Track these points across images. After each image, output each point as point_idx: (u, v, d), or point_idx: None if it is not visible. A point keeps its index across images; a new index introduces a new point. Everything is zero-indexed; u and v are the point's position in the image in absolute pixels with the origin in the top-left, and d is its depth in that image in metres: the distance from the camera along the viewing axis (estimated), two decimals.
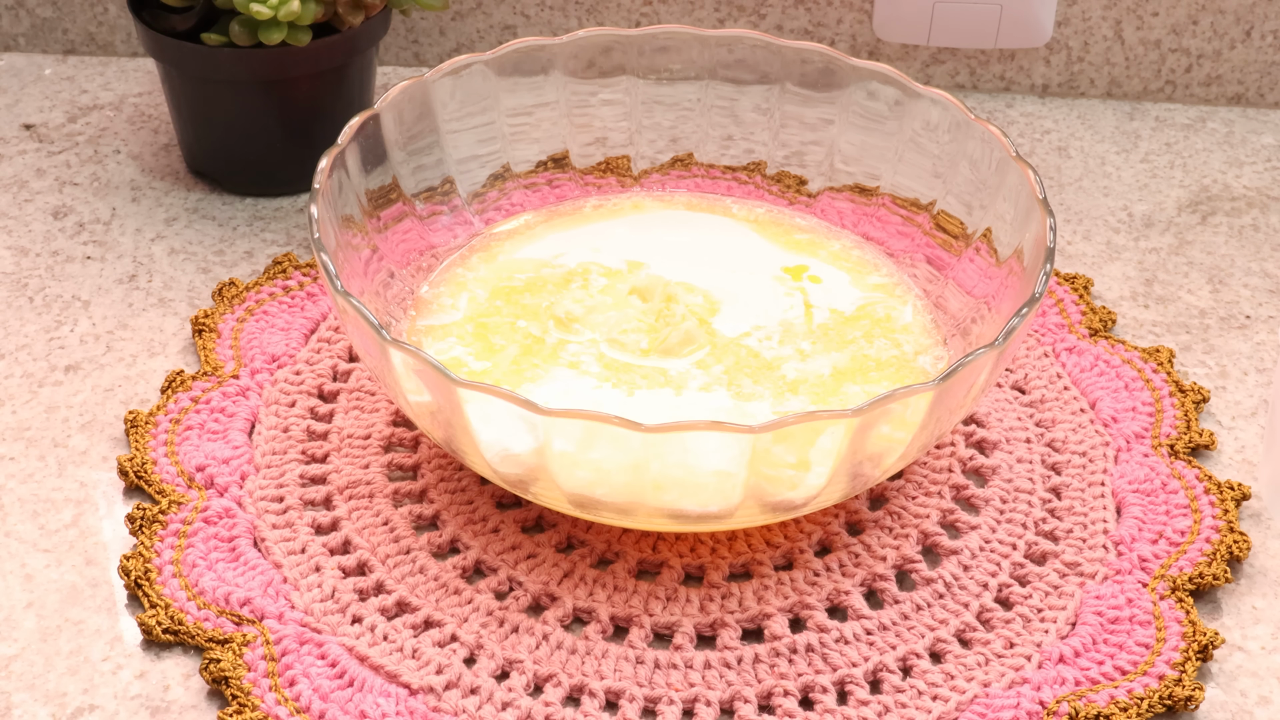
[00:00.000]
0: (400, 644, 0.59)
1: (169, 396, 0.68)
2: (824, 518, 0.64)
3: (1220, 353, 0.73)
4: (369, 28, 0.79)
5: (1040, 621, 0.60)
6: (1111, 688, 0.57)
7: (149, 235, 0.80)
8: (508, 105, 0.74)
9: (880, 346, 0.67)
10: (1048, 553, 0.63)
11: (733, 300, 0.69)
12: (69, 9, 0.93)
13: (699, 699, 0.57)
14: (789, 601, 0.60)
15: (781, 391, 0.64)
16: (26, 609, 0.60)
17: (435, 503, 0.64)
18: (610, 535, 0.63)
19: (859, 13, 0.90)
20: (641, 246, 0.73)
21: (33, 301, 0.75)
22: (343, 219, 0.66)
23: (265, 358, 0.70)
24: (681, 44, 0.75)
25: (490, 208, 0.75)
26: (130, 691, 0.57)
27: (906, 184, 0.73)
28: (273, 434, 0.67)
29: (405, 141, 0.71)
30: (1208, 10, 0.88)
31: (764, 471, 0.57)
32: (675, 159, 0.77)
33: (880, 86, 0.72)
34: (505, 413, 0.55)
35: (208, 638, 0.58)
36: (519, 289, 0.70)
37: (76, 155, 0.85)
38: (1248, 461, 0.68)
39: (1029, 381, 0.71)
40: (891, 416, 0.56)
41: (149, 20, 0.79)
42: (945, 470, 0.66)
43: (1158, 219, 0.82)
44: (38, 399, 0.69)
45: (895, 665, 0.58)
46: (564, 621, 0.60)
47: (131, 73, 0.93)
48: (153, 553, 0.61)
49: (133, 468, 0.65)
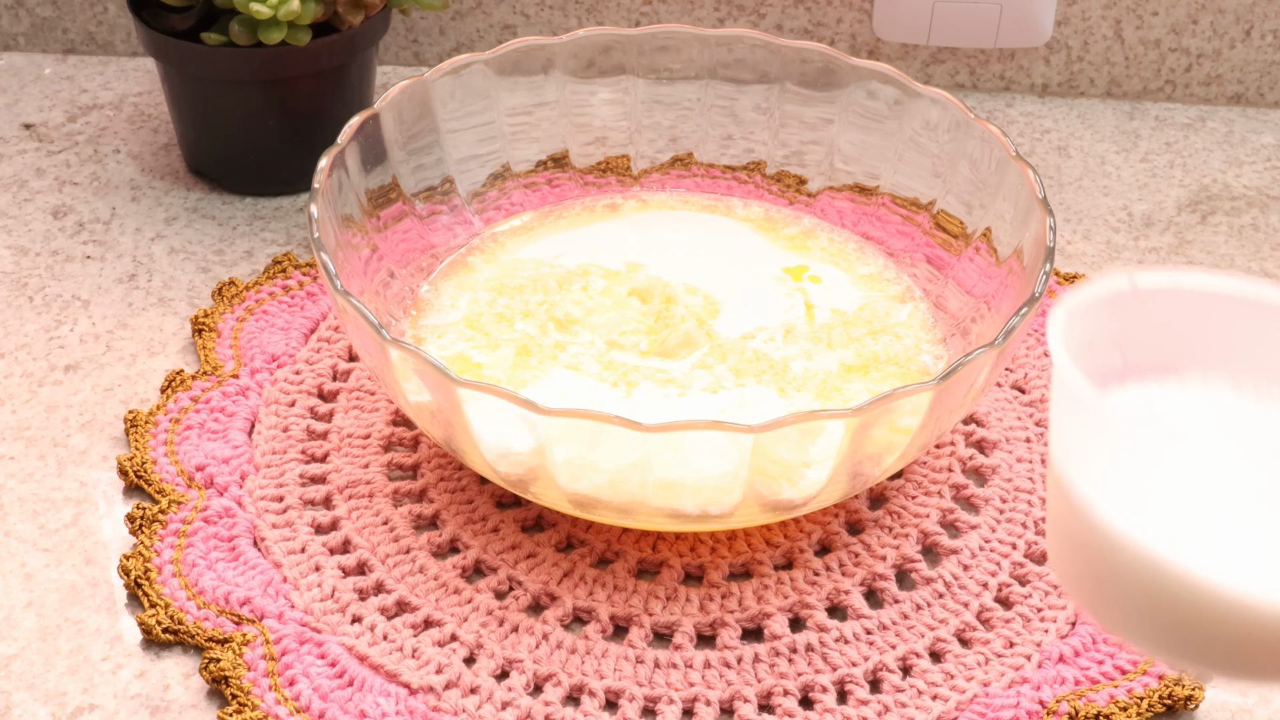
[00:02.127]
0: (400, 643, 0.59)
1: (169, 396, 0.68)
2: (824, 517, 0.64)
3: None
4: (369, 27, 0.79)
5: (1040, 621, 0.60)
6: (1111, 687, 0.57)
7: (149, 235, 0.80)
8: (507, 105, 0.74)
9: (881, 345, 0.67)
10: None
11: (733, 301, 0.69)
12: (69, 9, 0.93)
13: (699, 699, 0.57)
14: (789, 601, 0.60)
15: (784, 391, 0.64)
16: (26, 608, 0.60)
17: (435, 502, 0.64)
18: (610, 535, 0.63)
19: (859, 12, 0.90)
20: (641, 247, 0.73)
21: (33, 301, 0.75)
22: (343, 218, 0.66)
23: (265, 357, 0.70)
24: (681, 44, 0.75)
25: (490, 207, 0.75)
26: (130, 691, 0.57)
27: (906, 183, 0.73)
28: (272, 433, 0.67)
29: (405, 141, 0.71)
30: (1207, 10, 0.88)
31: (764, 471, 0.57)
32: (675, 159, 0.77)
33: (880, 86, 0.72)
34: (505, 412, 0.55)
35: (207, 637, 0.58)
36: (519, 289, 0.70)
37: (76, 155, 0.85)
38: None
39: (1029, 381, 0.71)
40: (891, 416, 0.56)
41: (149, 20, 0.79)
42: (945, 470, 0.66)
43: (1157, 218, 0.82)
44: (38, 399, 0.69)
45: (895, 665, 0.58)
46: (564, 621, 0.60)
47: (131, 72, 0.93)
48: (152, 552, 0.61)
49: (133, 467, 0.65)
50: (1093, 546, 0.38)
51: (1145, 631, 0.39)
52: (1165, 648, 0.39)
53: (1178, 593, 0.37)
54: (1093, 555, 0.39)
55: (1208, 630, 0.37)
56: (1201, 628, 0.37)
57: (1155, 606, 0.38)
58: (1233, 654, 0.38)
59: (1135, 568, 0.37)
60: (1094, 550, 0.38)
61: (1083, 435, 0.39)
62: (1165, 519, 0.37)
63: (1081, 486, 0.38)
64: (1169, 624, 0.38)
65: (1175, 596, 0.37)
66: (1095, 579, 0.39)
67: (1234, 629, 0.37)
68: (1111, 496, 0.38)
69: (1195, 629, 0.37)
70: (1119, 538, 0.37)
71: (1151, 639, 0.39)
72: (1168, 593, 0.37)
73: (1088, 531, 0.38)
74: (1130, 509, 0.37)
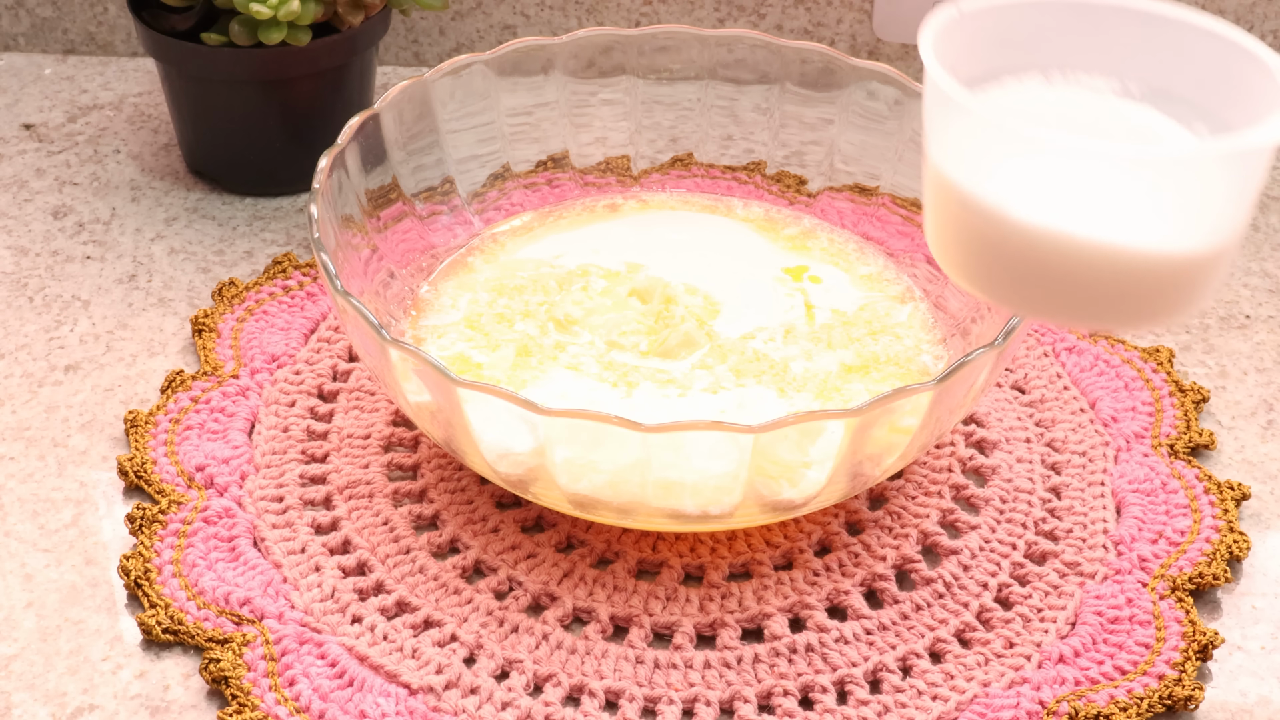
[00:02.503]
0: (400, 644, 0.59)
1: (169, 396, 0.68)
2: (824, 518, 0.64)
3: (1220, 352, 0.73)
4: (369, 28, 0.79)
5: (1040, 621, 0.60)
6: (1111, 687, 0.57)
7: (149, 235, 0.80)
8: (507, 105, 0.74)
9: (881, 346, 0.67)
10: (1047, 552, 0.63)
11: (733, 301, 0.69)
12: (69, 9, 0.93)
13: (699, 699, 0.57)
14: (789, 601, 0.60)
15: (784, 392, 0.64)
16: (26, 609, 0.60)
17: (435, 503, 0.64)
18: (610, 535, 0.63)
19: (859, 13, 0.90)
20: (641, 247, 0.73)
21: (33, 301, 0.75)
22: (343, 219, 0.66)
23: (265, 357, 0.70)
24: (681, 44, 0.75)
25: (490, 207, 0.75)
26: (130, 691, 0.57)
27: (906, 184, 0.73)
28: (272, 434, 0.67)
29: (405, 141, 0.71)
30: (1208, 10, 0.88)
31: (764, 471, 0.57)
32: (675, 159, 0.77)
33: (880, 86, 0.72)
34: (505, 412, 0.55)
35: (207, 637, 0.58)
36: (519, 289, 0.70)
37: (76, 155, 0.85)
38: (1248, 461, 0.68)
39: (1029, 381, 0.71)
40: (891, 416, 0.56)
41: (149, 20, 0.79)
42: (945, 470, 0.66)
43: None
44: (38, 399, 0.69)
45: (895, 665, 0.58)
46: (564, 621, 0.60)
47: (131, 73, 0.93)
48: (152, 552, 0.61)
49: (133, 467, 0.65)
50: (975, 227, 0.47)
51: (1033, 294, 0.47)
52: (1048, 306, 0.48)
53: (1062, 251, 0.46)
54: (977, 234, 0.47)
55: (1083, 277, 0.46)
56: (1078, 275, 0.46)
57: (1040, 268, 0.46)
58: (1095, 294, 0.47)
59: (1014, 237, 0.46)
60: (976, 229, 0.47)
61: (957, 131, 0.47)
62: (1028, 188, 0.46)
63: (962, 177, 0.47)
64: (1053, 282, 0.46)
65: (1059, 255, 0.46)
66: (983, 257, 0.48)
67: (1097, 269, 0.46)
68: (985, 179, 0.47)
69: (1074, 280, 0.46)
70: (1002, 215, 0.46)
71: (1038, 300, 0.47)
72: (1049, 253, 0.46)
73: (972, 216, 0.47)
74: (1002, 186, 0.46)
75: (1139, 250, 0.46)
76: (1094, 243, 0.45)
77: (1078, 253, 0.46)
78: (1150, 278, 0.46)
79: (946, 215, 0.49)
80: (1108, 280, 0.46)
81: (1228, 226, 0.46)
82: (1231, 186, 0.46)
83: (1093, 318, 0.48)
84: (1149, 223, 0.46)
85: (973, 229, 0.47)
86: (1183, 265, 0.46)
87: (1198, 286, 0.47)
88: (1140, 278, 0.46)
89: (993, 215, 0.46)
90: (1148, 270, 0.46)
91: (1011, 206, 0.46)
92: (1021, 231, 0.46)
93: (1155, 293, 0.47)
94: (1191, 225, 0.46)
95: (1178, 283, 0.47)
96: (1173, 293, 0.47)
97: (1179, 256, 0.46)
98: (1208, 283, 0.47)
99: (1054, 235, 0.46)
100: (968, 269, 0.49)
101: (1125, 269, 0.46)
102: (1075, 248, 0.46)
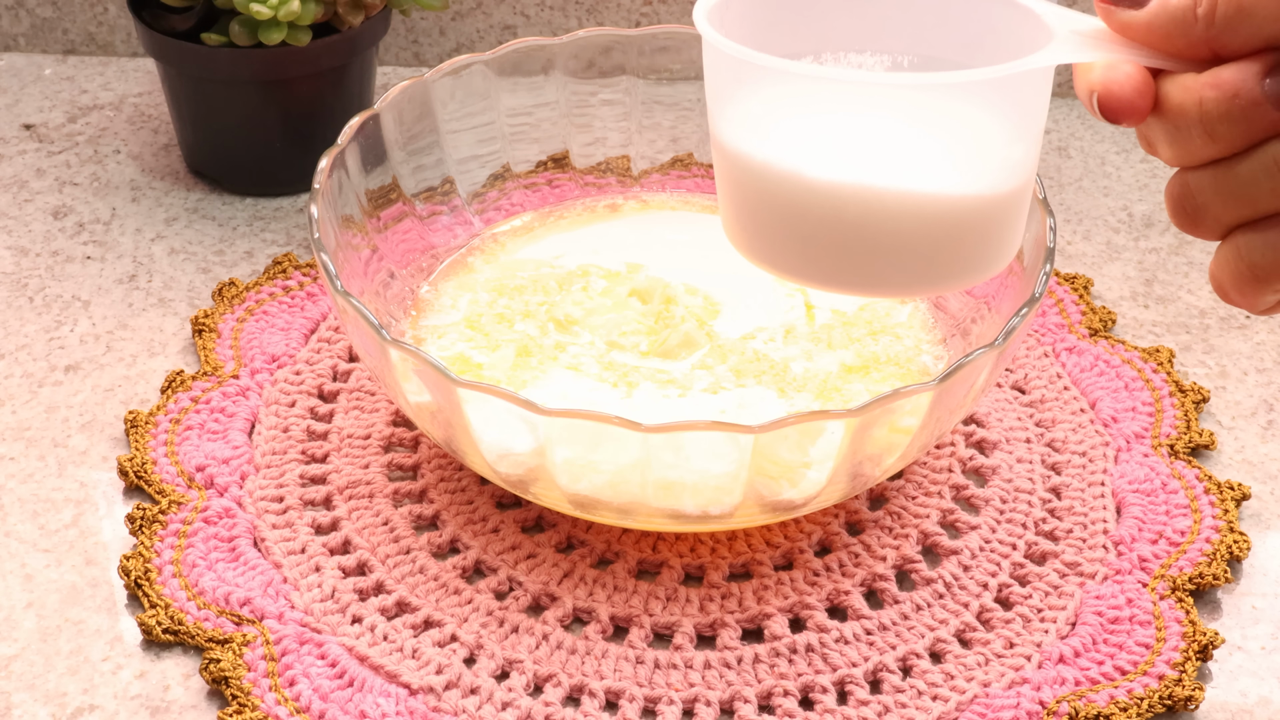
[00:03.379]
0: (400, 644, 0.59)
1: (169, 396, 0.68)
2: (824, 518, 0.64)
3: (1220, 353, 0.73)
4: (369, 28, 0.79)
5: (1040, 621, 0.60)
6: (1111, 688, 0.57)
7: (149, 235, 0.80)
8: (507, 105, 0.74)
9: (882, 346, 0.67)
10: (1048, 553, 0.63)
11: (733, 302, 0.69)
12: (69, 9, 0.93)
13: (699, 699, 0.57)
14: (789, 601, 0.60)
15: (784, 392, 0.64)
16: (26, 609, 0.60)
17: (435, 503, 0.64)
18: (610, 535, 0.63)
19: None
20: (641, 247, 0.73)
21: (33, 301, 0.75)
22: (343, 219, 0.66)
23: (265, 358, 0.70)
24: (681, 44, 0.75)
25: (490, 208, 0.75)
26: (130, 691, 0.57)
27: None
28: (273, 434, 0.67)
29: (405, 141, 0.71)
30: None
31: (764, 471, 0.57)
32: (675, 159, 0.77)
33: None
34: (505, 413, 0.55)
35: (208, 638, 0.58)
36: (519, 289, 0.70)
37: (76, 155, 0.85)
38: (1248, 461, 0.68)
39: (1029, 381, 0.71)
40: (891, 416, 0.56)
41: (149, 20, 0.79)
42: (945, 470, 0.66)
43: (1158, 219, 0.82)
44: (38, 399, 0.69)
45: (895, 665, 0.58)
46: (564, 621, 0.60)
47: (131, 73, 0.93)
48: (153, 553, 0.61)
49: (133, 468, 0.65)
50: (762, 193, 0.48)
51: (799, 255, 0.49)
52: (849, 270, 0.48)
53: (851, 203, 0.46)
54: (765, 201, 0.48)
55: (877, 229, 0.47)
56: (871, 229, 0.47)
57: (833, 226, 0.47)
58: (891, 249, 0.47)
59: (801, 195, 0.47)
60: (764, 196, 0.48)
61: (739, 98, 0.48)
62: (810, 146, 0.47)
63: (747, 145, 0.48)
64: (850, 241, 0.47)
65: (851, 209, 0.46)
66: (773, 225, 0.48)
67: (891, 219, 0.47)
68: (763, 141, 0.47)
69: (870, 236, 0.47)
70: (789, 175, 0.47)
71: (838, 265, 0.48)
72: (839, 209, 0.47)
73: (758, 181, 0.48)
74: (785, 146, 0.47)
75: (929, 194, 0.46)
76: (880, 190, 0.46)
77: (865, 203, 0.46)
78: (945, 223, 0.47)
79: (736, 189, 0.49)
80: (906, 232, 0.47)
81: (1014, 169, 0.47)
82: (1005, 125, 0.46)
83: (894, 279, 0.48)
84: (937, 168, 0.46)
85: (760, 196, 0.48)
86: (975, 208, 0.47)
87: (993, 232, 0.48)
88: (934, 225, 0.47)
89: (781, 177, 0.47)
90: (941, 216, 0.47)
91: (794, 164, 0.47)
92: (806, 188, 0.47)
93: (955, 241, 0.47)
94: (976, 167, 0.47)
95: (975, 228, 0.47)
96: (973, 239, 0.47)
97: (970, 199, 0.47)
98: (1004, 228, 0.48)
99: (839, 187, 0.46)
100: (758, 243, 0.49)
101: (917, 216, 0.46)
102: (862, 197, 0.46)
